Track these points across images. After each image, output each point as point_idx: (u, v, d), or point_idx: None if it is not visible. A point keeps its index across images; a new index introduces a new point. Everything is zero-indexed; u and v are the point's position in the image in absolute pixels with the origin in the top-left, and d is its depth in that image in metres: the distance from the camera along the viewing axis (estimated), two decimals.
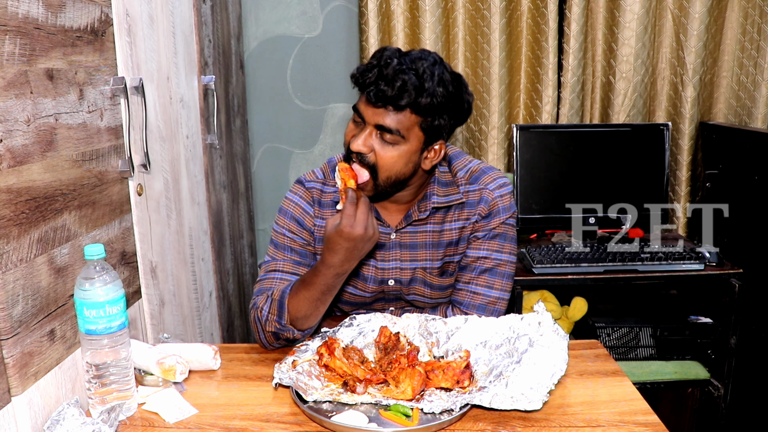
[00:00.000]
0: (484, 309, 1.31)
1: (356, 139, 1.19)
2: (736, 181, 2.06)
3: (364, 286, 1.37)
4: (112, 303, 0.98)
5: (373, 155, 1.20)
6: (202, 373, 1.17)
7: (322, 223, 1.35)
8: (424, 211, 1.31)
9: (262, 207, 2.54)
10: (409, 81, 1.14)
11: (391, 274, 1.35)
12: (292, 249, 1.33)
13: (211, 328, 1.81)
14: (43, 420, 0.94)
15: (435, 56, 1.20)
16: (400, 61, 1.16)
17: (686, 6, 2.18)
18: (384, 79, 1.14)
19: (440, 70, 1.18)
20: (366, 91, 1.17)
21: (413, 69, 1.15)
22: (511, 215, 1.34)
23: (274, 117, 2.47)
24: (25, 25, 0.92)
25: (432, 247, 1.34)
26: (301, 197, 1.35)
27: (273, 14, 2.39)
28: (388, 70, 1.15)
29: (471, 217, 1.32)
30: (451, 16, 2.24)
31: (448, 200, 1.31)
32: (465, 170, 1.34)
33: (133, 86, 1.25)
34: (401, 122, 1.18)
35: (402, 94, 1.14)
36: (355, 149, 1.19)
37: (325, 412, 1.00)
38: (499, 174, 1.34)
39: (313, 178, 1.36)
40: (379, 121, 1.17)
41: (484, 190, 1.31)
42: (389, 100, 1.15)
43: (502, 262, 1.32)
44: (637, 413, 1.01)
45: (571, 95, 2.27)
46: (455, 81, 1.21)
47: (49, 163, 0.98)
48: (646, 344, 1.99)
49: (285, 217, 1.35)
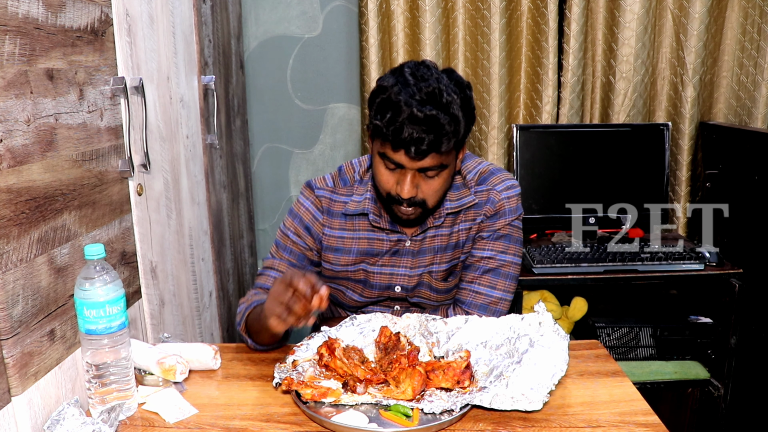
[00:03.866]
0: (486, 309, 1.31)
1: (403, 187, 1.15)
2: (736, 181, 2.06)
3: (369, 293, 1.37)
4: (112, 303, 0.98)
5: (420, 192, 1.18)
6: (202, 373, 1.17)
7: (330, 232, 1.33)
8: (439, 217, 1.30)
9: (262, 207, 2.54)
10: (443, 121, 1.08)
11: (399, 280, 1.34)
12: (292, 251, 1.34)
13: (211, 328, 1.81)
14: (43, 420, 0.94)
15: (435, 71, 1.14)
16: (416, 100, 1.08)
17: (686, 6, 2.18)
18: (420, 132, 1.08)
19: (451, 85, 1.12)
20: (401, 147, 1.11)
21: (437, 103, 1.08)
22: (517, 217, 1.33)
23: (274, 117, 2.47)
24: (25, 25, 0.92)
25: (441, 251, 1.33)
26: (313, 203, 1.33)
27: (273, 14, 2.39)
28: (417, 121, 1.07)
29: (477, 218, 1.31)
30: (451, 16, 2.24)
31: (461, 204, 1.30)
32: (474, 172, 1.32)
33: (133, 86, 1.25)
34: (443, 157, 1.14)
35: (441, 139, 1.09)
36: (407, 196, 1.16)
37: (325, 412, 1.00)
38: (507, 176, 1.33)
39: (323, 185, 1.34)
40: (422, 165, 1.13)
41: (491, 191, 1.30)
42: (432, 149, 1.10)
43: (506, 263, 1.32)
44: (638, 414, 1.01)
45: (571, 95, 2.27)
46: (460, 86, 1.15)
47: (49, 163, 0.98)
48: (646, 344, 1.99)
49: (294, 219, 1.34)
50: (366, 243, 1.32)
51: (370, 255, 1.33)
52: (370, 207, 1.30)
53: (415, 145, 1.09)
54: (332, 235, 1.33)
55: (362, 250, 1.33)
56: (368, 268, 1.34)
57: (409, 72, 1.12)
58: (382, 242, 1.32)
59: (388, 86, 1.11)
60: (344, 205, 1.32)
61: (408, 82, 1.11)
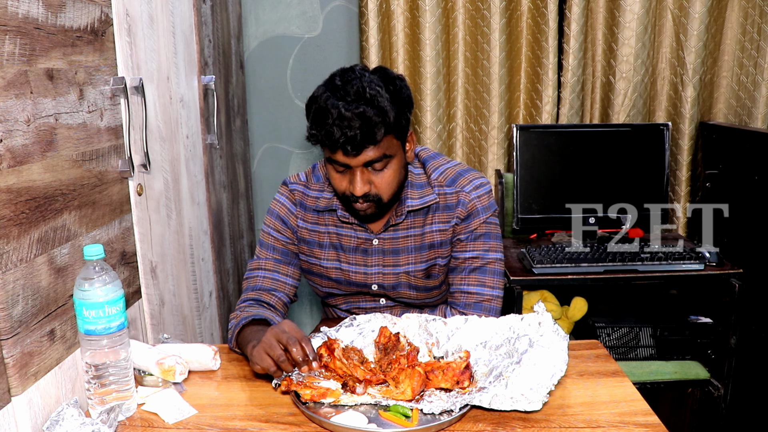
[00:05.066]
0: (480, 307, 1.32)
1: (354, 186, 1.21)
2: (736, 181, 2.06)
3: (347, 289, 1.40)
4: (112, 303, 0.98)
5: (373, 187, 1.22)
6: (201, 373, 1.17)
7: (304, 224, 1.38)
8: (401, 215, 1.32)
9: (262, 207, 2.54)
10: (369, 114, 1.13)
11: (374, 279, 1.37)
12: (275, 248, 1.38)
13: (211, 328, 1.81)
14: (43, 420, 0.94)
15: (360, 72, 1.19)
16: (345, 101, 1.15)
17: (686, 6, 2.18)
18: (349, 128, 1.13)
19: (376, 80, 1.18)
20: (338, 148, 1.16)
21: (363, 99, 1.15)
22: (492, 214, 1.35)
23: (274, 117, 2.47)
24: (25, 25, 0.92)
25: (415, 251, 1.35)
26: (287, 198, 1.39)
27: (273, 14, 2.39)
28: (346, 120, 1.13)
29: (450, 220, 1.33)
30: (451, 16, 2.24)
31: (423, 202, 1.32)
32: (439, 171, 1.35)
33: (133, 86, 1.25)
34: (383, 148, 1.19)
35: (373, 130, 1.14)
36: (360, 193, 1.21)
37: (324, 412, 1.00)
38: (475, 175, 1.35)
39: (296, 180, 1.41)
40: (364, 159, 1.18)
41: (461, 193, 1.32)
42: (365, 142, 1.15)
43: (491, 260, 1.34)
44: (638, 414, 1.01)
45: (571, 95, 2.27)
46: (387, 79, 1.20)
47: (49, 163, 0.98)
48: (646, 344, 1.99)
49: (272, 216, 1.40)
50: (336, 237, 1.37)
51: (340, 250, 1.37)
52: (337, 203, 1.35)
53: (349, 143, 1.15)
54: (306, 228, 1.39)
55: (333, 244, 1.38)
56: (341, 266, 1.38)
57: (338, 78, 1.20)
58: (350, 238, 1.37)
59: (318, 95, 1.19)
60: (316, 200, 1.37)
61: (336, 87, 1.18)
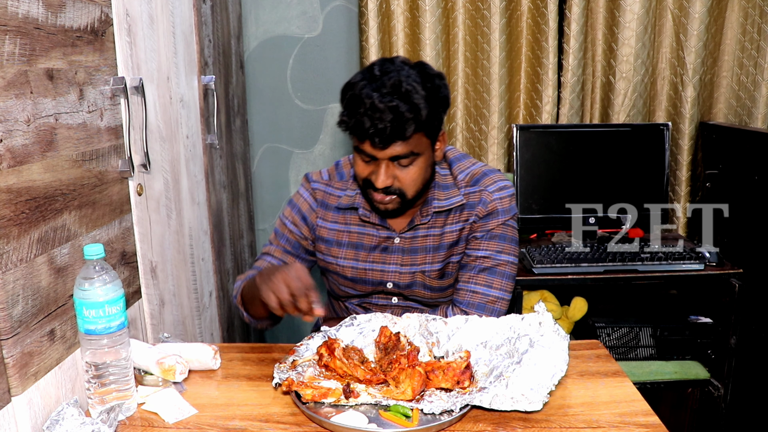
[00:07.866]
0: (484, 308, 1.31)
1: (377, 177, 1.21)
2: (736, 181, 2.06)
3: (362, 288, 1.38)
4: (112, 303, 0.98)
5: (396, 182, 1.22)
6: (201, 373, 1.17)
7: (323, 223, 1.38)
8: (426, 215, 1.32)
9: (262, 207, 2.54)
10: (402, 109, 1.13)
11: (390, 277, 1.36)
12: (288, 239, 1.40)
13: (211, 328, 1.81)
14: (43, 420, 0.94)
15: (400, 65, 1.19)
16: (380, 92, 1.14)
17: (686, 6, 2.18)
18: (380, 121, 1.13)
19: (414, 75, 1.17)
20: (366, 138, 1.16)
21: (397, 93, 1.14)
22: (512, 217, 1.34)
23: (274, 117, 2.47)
24: (25, 25, 0.92)
25: (433, 251, 1.34)
26: (310, 194, 1.40)
27: (273, 14, 2.39)
28: (378, 112, 1.13)
29: (470, 218, 1.33)
30: (451, 16, 2.24)
31: (449, 203, 1.32)
32: (466, 173, 1.34)
33: (133, 86, 1.25)
34: (411, 144, 1.19)
35: (404, 126, 1.14)
36: (382, 186, 1.21)
37: (324, 412, 1.00)
38: (500, 177, 1.34)
39: (318, 178, 1.41)
40: (391, 153, 1.18)
41: (483, 192, 1.32)
42: (394, 137, 1.15)
43: (502, 263, 1.32)
44: (638, 414, 1.00)
45: (571, 95, 2.27)
46: (426, 75, 1.19)
47: (49, 163, 0.98)
48: (646, 344, 1.99)
49: (293, 209, 1.41)
50: (356, 237, 1.37)
51: (360, 249, 1.37)
52: (360, 201, 1.35)
53: (378, 135, 1.15)
54: (325, 227, 1.38)
55: (353, 243, 1.37)
56: (358, 265, 1.37)
57: (377, 68, 1.19)
58: (371, 237, 1.36)
59: (356, 82, 1.18)
60: (338, 198, 1.37)
61: (374, 77, 1.17)
